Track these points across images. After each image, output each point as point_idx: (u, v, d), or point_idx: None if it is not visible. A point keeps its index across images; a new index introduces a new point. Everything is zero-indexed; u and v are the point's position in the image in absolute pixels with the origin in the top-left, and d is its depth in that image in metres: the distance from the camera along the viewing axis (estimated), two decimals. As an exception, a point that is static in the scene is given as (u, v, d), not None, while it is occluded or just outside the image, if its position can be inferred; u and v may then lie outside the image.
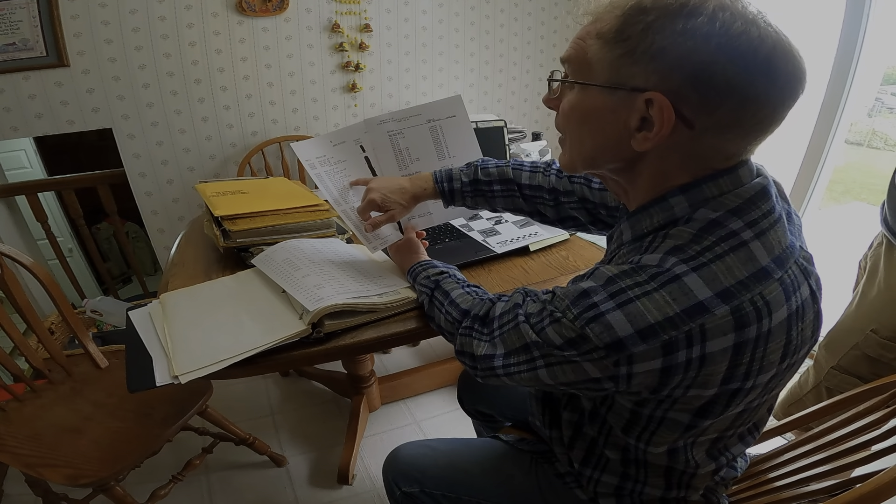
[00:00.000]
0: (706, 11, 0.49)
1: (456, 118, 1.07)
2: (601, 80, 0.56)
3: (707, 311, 0.49)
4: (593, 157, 0.62)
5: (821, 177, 2.07)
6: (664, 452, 0.66)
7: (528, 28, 2.75)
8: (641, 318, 0.50)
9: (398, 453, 0.95)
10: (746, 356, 0.51)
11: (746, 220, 0.53)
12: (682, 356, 0.50)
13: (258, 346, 0.80)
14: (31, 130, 2.02)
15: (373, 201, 0.94)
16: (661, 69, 0.51)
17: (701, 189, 0.55)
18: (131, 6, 1.99)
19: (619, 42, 0.53)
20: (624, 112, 0.54)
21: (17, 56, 1.88)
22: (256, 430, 1.60)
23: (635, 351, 0.50)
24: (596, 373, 0.54)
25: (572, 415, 0.76)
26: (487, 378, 0.69)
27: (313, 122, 2.47)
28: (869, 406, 0.84)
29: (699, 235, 0.53)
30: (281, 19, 2.23)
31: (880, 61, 2.03)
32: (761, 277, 0.51)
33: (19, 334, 1.23)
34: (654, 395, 0.55)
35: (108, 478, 1.07)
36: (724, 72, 0.49)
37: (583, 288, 0.54)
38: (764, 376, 0.54)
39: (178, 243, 1.28)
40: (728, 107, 0.50)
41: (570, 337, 0.54)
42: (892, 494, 0.58)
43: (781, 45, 0.50)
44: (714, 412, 0.57)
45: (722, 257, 0.51)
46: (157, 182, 2.29)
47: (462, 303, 0.77)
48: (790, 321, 0.53)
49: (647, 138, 0.54)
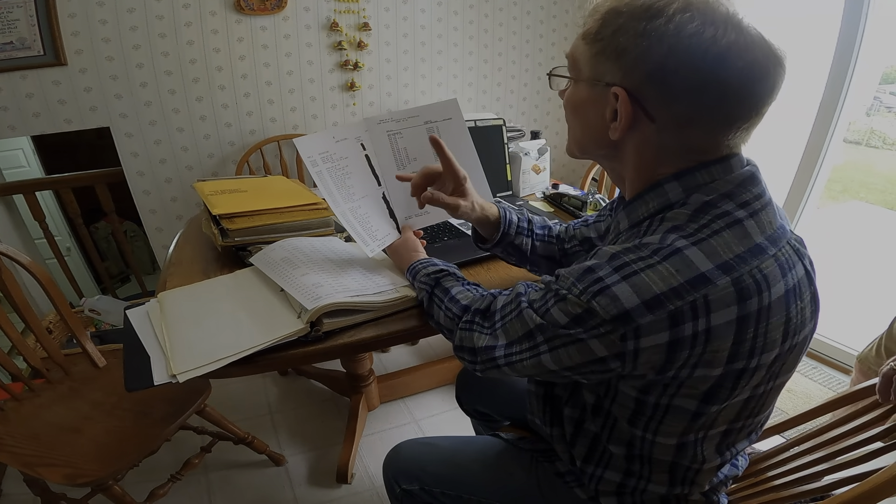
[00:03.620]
0: (666, 13, 0.53)
1: (452, 121, 1.08)
2: (585, 76, 0.62)
3: (710, 282, 0.51)
4: (583, 143, 0.68)
5: (819, 175, 2.07)
6: (673, 446, 0.65)
7: (527, 27, 2.75)
8: (647, 289, 0.51)
9: (399, 450, 0.96)
10: (750, 331, 0.53)
11: (738, 202, 0.56)
12: (689, 329, 0.51)
13: (256, 344, 0.80)
14: (28, 129, 2.01)
15: (462, 178, 0.90)
16: (624, 67, 0.56)
17: (693, 176, 0.58)
18: (129, 5, 1.98)
19: (595, 42, 0.59)
20: (602, 104, 0.60)
21: (15, 55, 1.87)
22: (255, 430, 1.60)
23: (642, 322, 0.51)
24: (602, 351, 0.54)
25: (573, 411, 0.75)
26: (488, 370, 0.69)
27: (312, 120, 2.47)
28: (867, 404, 0.84)
29: (695, 216, 0.56)
30: (279, 18, 2.23)
31: (879, 61, 2.04)
32: (757, 253, 0.54)
33: (17, 333, 1.23)
34: (659, 376, 0.55)
35: (107, 477, 1.07)
36: (677, 70, 0.53)
37: (587, 265, 0.56)
38: (767, 356, 0.56)
39: (177, 242, 1.28)
40: (685, 102, 0.54)
41: (576, 313, 0.55)
42: (890, 493, 0.58)
43: (738, 45, 0.52)
44: (720, 397, 0.58)
45: (719, 233, 0.54)
46: (155, 181, 2.29)
47: (462, 299, 0.78)
48: (788, 298, 0.55)
49: (615, 129, 0.60)
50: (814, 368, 2.10)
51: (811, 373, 2.08)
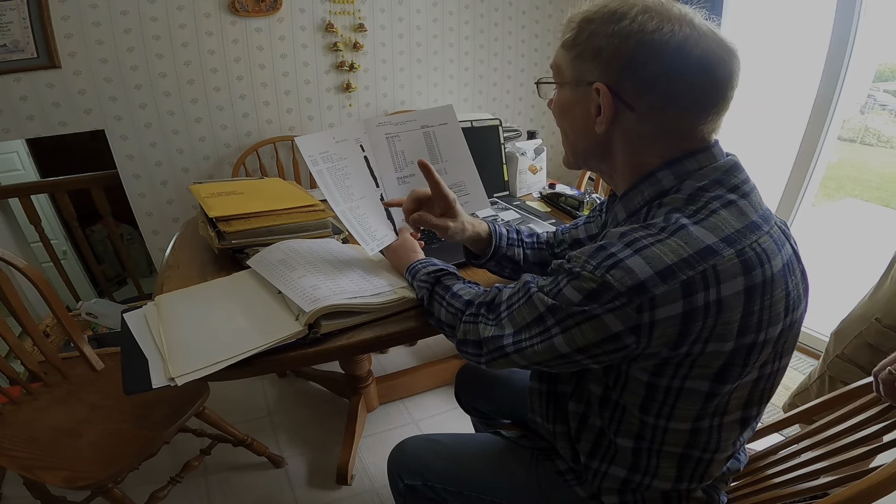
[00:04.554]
0: (630, 15, 0.60)
1: (448, 125, 1.09)
2: (569, 79, 0.68)
3: (717, 253, 0.55)
4: (576, 145, 0.72)
5: (814, 173, 2.08)
6: (686, 432, 0.66)
7: (523, 27, 2.75)
8: (659, 260, 0.54)
9: (403, 446, 0.97)
10: (756, 303, 0.56)
11: (728, 187, 0.61)
12: (701, 299, 0.54)
13: (254, 347, 0.80)
14: (23, 132, 2.01)
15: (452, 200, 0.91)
16: (601, 65, 0.63)
17: (683, 164, 0.63)
18: (122, 7, 1.97)
19: (574, 47, 0.65)
20: (586, 102, 0.66)
21: (8, 58, 1.86)
22: (254, 432, 1.60)
23: (657, 293, 0.53)
24: (617, 325, 0.55)
25: (578, 405, 0.76)
26: (494, 361, 0.69)
27: (308, 122, 2.47)
28: (866, 401, 0.85)
29: (691, 199, 0.60)
30: (274, 19, 2.23)
31: (872, 58, 2.05)
32: (753, 229, 0.58)
33: (14, 337, 1.23)
34: (673, 352, 0.57)
35: (106, 480, 1.07)
36: (646, 62, 0.60)
37: (599, 244, 0.59)
38: (773, 329, 0.59)
39: (173, 245, 1.28)
40: (658, 90, 0.61)
41: (590, 289, 0.56)
42: (889, 491, 0.59)
43: (693, 37, 0.59)
44: (732, 375, 0.59)
45: (717, 212, 0.58)
46: (150, 183, 2.28)
47: (464, 294, 0.79)
48: (785, 272, 0.59)
49: (600, 122, 0.65)
50: (812, 366, 2.10)
51: (809, 370, 2.08)
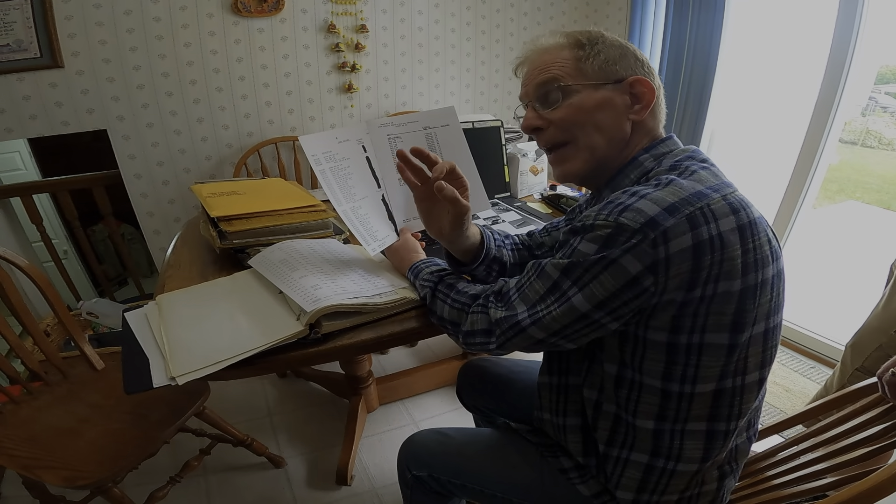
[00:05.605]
0: (602, 35, 0.76)
1: (450, 127, 1.10)
2: (594, 80, 0.75)
3: (707, 196, 0.62)
4: (595, 145, 0.76)
5: (815, 175, 2.08)
6: (710, 394, 0.67)
7: (524, 28, 2.75)
8: (662, 200, 0.61)
9: (413, 439, 1.01)
10: (749, 242, 0.62)
11: (699, 160, 0.71)
12: (706, 232, 0.59)
13: (255, 347, 0.80)
14: (25, 132, 2.01)
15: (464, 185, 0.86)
16: (622, 66, 0.75)
17: (657, 148, 0.75)
18: (126, 7, 1.98)
19: (593, 57, 0.75)
20: (617, 97, 0.74)
21: (11, 57, 1.87)
22: (254, 432, 1.60)
23: (668, 225, 0.59)
24: (636, 265, 0.59)
25: (591, 392, 0.77)
26: (509, 341, 0.70)
27: (309, 122, 2.47)
28: (867, 402, 0.85)
29: (672, 170, 0.69)
30: (276, 20, 2.23)
31: (874, 60, 2.05)
32: (725, 186, 0.65)
33: (15, 336, 1.23)
34: (688, 294, 0.61)
35: (106, 479, 1.07)
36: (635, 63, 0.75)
37: (606, 201, 0.65)
38: (767, 270, 0.63)
39: (174, 245, 1.28)
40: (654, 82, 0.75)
41: (606, 234, 0.61)
42: (889, 492, 0.59)
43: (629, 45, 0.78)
44: (746, 321, 0.63)
45: (695, 173, 0.67)
46: (152, 183, 2.28)
47: (470, 290, 0.80)
48: (761, 222, 0.65)
49: (638, 109, 0.75)
50: (812, 368, 2.11)
51: (809, 372, 2.08)
